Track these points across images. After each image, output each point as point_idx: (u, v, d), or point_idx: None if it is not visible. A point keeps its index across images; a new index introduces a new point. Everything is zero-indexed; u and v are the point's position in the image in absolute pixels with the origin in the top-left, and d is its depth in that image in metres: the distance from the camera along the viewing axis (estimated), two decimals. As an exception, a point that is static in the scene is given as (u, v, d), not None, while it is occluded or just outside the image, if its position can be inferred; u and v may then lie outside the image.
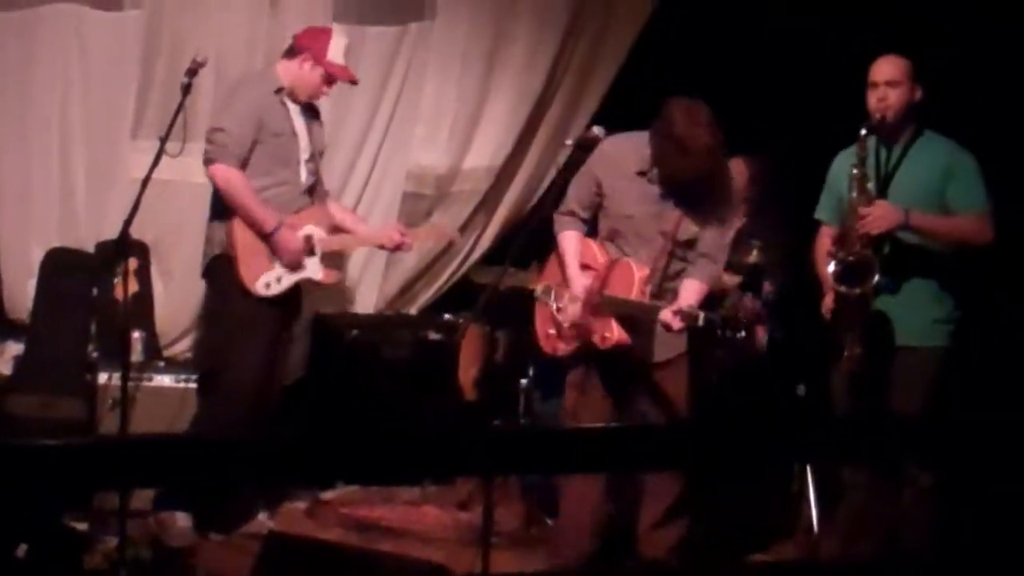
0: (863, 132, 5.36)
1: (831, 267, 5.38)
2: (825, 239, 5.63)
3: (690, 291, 5.44)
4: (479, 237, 7.59)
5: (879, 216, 5.30)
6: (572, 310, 5.57)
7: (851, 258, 5.33)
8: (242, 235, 5.85)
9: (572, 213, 5.64)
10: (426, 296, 7.57)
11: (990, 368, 6.08)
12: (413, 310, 7.54)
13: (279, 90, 5.96)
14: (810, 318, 5.68)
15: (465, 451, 2.98)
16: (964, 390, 5.53)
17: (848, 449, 3.52)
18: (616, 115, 5.79)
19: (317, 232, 5.96)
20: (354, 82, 6.18)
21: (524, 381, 6.62)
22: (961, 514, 5.43)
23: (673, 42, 6.59)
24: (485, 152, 7.46)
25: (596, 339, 5.47)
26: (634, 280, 5.43)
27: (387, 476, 5.12)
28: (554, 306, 5.64)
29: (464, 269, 7.56)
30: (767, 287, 6.51)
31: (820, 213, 5.73)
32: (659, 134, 5.37)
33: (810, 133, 6.39)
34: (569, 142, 5.70)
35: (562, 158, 5.85)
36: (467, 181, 7.47)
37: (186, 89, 5.52)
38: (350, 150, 7.24)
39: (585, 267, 5.61)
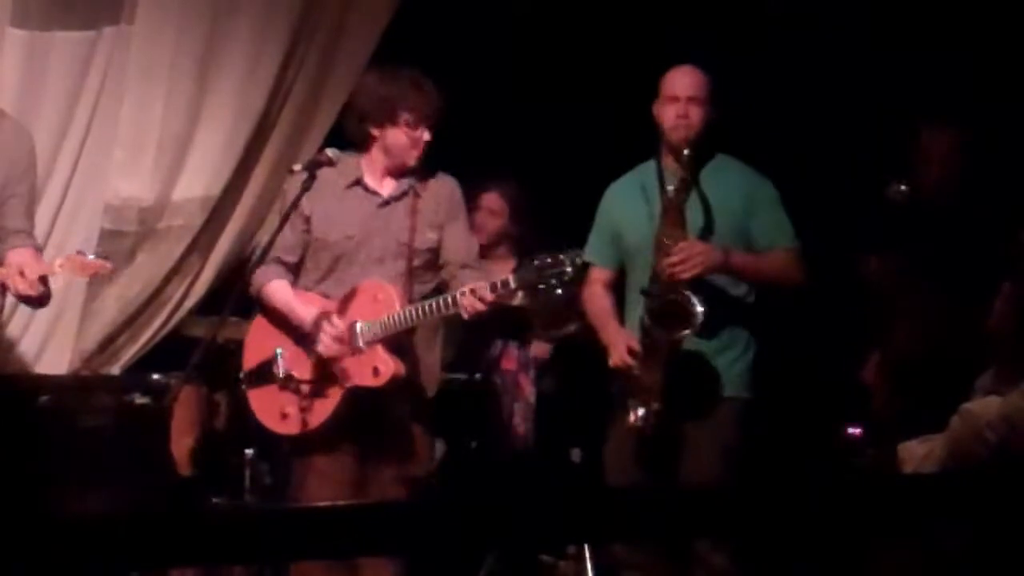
0: (686, 152, 5.23)
1: (645, 305, 5.16)
2: (597, 286, 5.49)
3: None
4: (193, 282, 7.29)
5: (698, 253, 5.14)
6: (311, 363, 5.36)
7: (670, 298, 5.14)
8: None
9: (276, 260, 5.49)
10: (130, 353, 7.28)
11: (793, 424, 6.15)
12: (115, 370, 7.24)
13: None
14: (588, 371, 5.57)
15: (180, 536, 2.90)
16: (766, 450, 5.50)
17: (627, 525, 3.39)
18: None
19: None
20: None
21: (249, 451, 6.52)
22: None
23: (425, 45, 6.48)
24: (199, 180, 7.16)
25: (364, 379, 5.24)
26: (391, 295, 5.28)
27: (86, 572, 5.08)
28: (282, 374, 5.41)
29: (175, 320, 7.29)
30: (534, 336, 6.52)
31: (590, 254, 5.49)
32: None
33: (571, 158, 6.45)
34: (298, 167, 5.61)
35: (289, 186, 5.74)
36: (177, 215, 7.16)
37: None
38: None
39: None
